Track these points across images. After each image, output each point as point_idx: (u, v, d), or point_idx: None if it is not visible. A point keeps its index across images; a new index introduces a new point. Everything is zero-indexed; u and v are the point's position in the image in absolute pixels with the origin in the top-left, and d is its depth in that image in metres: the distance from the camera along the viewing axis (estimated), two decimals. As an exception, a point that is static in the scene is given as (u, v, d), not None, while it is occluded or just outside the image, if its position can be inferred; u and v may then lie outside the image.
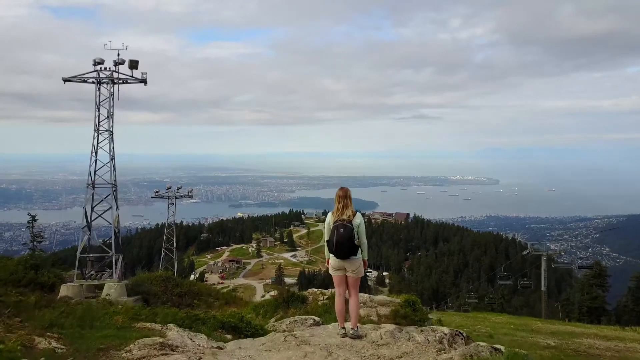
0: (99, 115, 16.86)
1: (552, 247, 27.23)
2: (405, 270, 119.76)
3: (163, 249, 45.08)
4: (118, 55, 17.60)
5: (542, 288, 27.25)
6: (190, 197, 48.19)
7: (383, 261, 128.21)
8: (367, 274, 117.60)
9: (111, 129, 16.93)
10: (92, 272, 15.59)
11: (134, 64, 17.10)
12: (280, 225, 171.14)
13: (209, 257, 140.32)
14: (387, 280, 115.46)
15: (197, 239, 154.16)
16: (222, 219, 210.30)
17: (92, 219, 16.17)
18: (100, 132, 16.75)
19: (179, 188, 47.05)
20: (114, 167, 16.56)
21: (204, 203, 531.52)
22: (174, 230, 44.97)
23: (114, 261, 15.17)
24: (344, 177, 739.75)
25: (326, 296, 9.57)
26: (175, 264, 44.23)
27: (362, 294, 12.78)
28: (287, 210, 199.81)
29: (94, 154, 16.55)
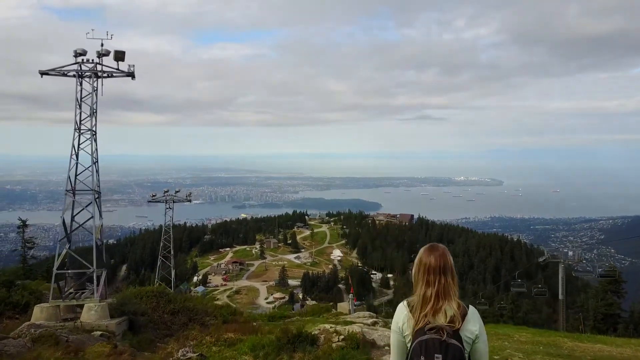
0: (80, 113, 15.05)
1: (570, 253, 25.61)
2: (410, 272, 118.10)
3: (160, 257, 43.23)
4: (102, 45, 15.45)
5: (560, 296, 25.66)
6: (189, 200, 45.87)
7: (387, 263, 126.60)
8: (372, 275, 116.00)
9: (94, 129, 15.09)
10: (71, 290, 13.91)
11: (119, 56, 15.30)
12: (283, 227, 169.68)
13: (212, 258, 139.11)
14: (391, 283, 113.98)
15: (201, 240, 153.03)
16: (225, 220, 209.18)
17: (72, 229, 14.45)
18: (81, 132, 15.01)
19: (177, 191, 44.93)
20: (97, 171, 14.83)
21: (207, 204, 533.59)
22: (172, 236, 43.06)
23: (95, 278, 13.49)
24: (347, 178, 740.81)
25: (342, 336, 7.97)
26: (173, 272, 42.38)
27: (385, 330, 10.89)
28: (290, 211, 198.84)
29: (74, 156, 14.81)
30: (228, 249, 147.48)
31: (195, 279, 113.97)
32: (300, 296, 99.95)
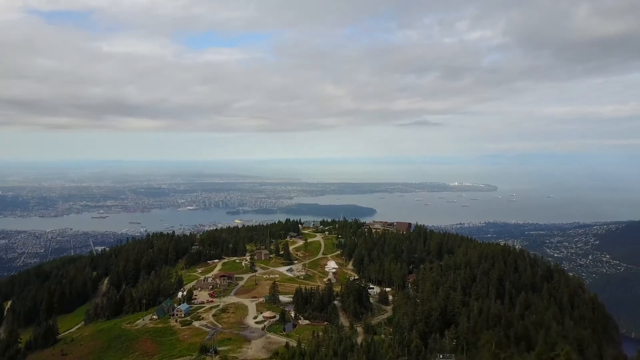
0: None
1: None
2: (409, 285, 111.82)
3: None
4: None
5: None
6: None
7: (385, 276, 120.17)
8: (370, 290, 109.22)
9: None
10: None
11: None
12: (275, 236, 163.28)
13: (199, 271, 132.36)
14: (390, 298, 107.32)
15: (188, 251, 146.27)
16: (215, 229, 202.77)
17: None
18: None
19: None
20: None
21: (201, 210, 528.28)
22: None
23: None
24: (342, 183, 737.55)
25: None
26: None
27: None
28: (284, 218, 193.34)
29: None
30: (217, 260, 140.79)
31: (179, 295, 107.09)
32: (292, 315, 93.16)
